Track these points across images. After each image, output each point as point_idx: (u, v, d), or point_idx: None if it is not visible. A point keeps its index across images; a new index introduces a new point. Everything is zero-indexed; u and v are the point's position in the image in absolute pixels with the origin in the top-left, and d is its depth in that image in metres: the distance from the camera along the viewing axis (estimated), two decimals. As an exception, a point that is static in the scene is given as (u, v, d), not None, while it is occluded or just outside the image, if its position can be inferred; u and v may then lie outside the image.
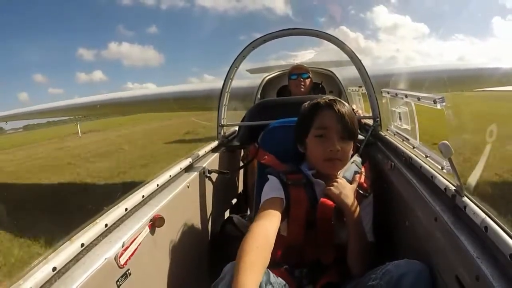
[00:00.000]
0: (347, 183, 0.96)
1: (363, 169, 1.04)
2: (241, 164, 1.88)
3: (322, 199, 0.92)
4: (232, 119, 1.82)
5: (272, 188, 0.95)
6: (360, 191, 0.98)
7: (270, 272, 0.79)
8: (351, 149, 0.98)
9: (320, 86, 2.75)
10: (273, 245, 0.77)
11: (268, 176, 1.01)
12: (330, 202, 0.91)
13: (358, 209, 0.92)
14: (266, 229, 0.79)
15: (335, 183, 0.93)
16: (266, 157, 1.10)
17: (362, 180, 1.00)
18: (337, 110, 0.95)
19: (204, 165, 1.35)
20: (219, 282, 0.72)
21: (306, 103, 1.03)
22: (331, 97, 1.00)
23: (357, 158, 1.08)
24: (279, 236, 0.83)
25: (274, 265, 0.92)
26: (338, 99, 1.00)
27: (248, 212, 1.92)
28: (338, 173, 0.99)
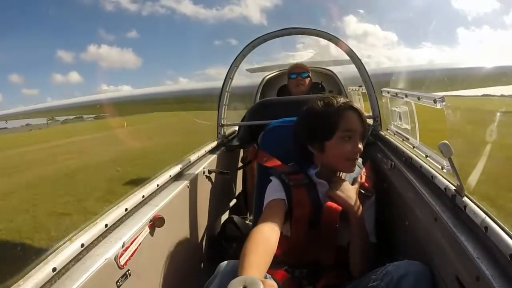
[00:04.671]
0: (349, 184, 0.95)
1: (364, 170, 1.04)
2: (241, 164, 1.88)
3: (328, 203, 0.92)
4: (232, 119, 1.82)
5: (274, 190, 0.96)
6: (363, 192, 0.98)
7: (270, 275, 0.80)
8: None
9: (320, 85, 2.74)
10: (275, 248, 0.76)
11: (271, 177, 1.01)
12: (336, 206, 0.91)
13: (361, 210, 0.92)
14: (268, 232, 0.79)
15: (338, 185, 0.93)
16: (266, 159, 1.09)
17: (364, 180, 1.00)
18: (360, 113, 0.96)
19: (204, 165, 1.35)
20: (212, 281, 0.72)
21: (320, 104, 0.97)
22: (344, 99, 0.97)
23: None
24: (282, 236, 0.83)
25: (274, 265, 0.92)
26: (349, 100, 0.98)
27: (248, 213, 1.92)
28: (340, 174, 0.99)
